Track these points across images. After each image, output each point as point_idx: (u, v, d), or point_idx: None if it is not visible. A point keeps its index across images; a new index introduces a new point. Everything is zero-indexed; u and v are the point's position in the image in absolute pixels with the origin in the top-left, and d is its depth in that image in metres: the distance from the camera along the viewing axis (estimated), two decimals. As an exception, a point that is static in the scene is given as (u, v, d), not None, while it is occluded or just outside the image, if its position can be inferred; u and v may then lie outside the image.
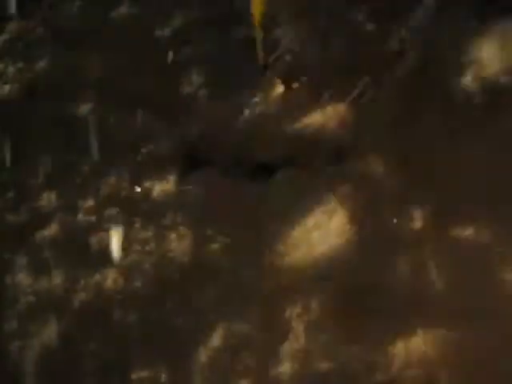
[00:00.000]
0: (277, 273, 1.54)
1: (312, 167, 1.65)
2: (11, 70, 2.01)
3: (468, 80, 1.70)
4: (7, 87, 1.97)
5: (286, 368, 1.45)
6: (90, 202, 1.71)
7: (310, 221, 1.58)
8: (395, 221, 1.55)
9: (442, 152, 1.61)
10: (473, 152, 1.62)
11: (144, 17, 2.03)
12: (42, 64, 1.95)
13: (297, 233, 1.57)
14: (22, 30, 2.09)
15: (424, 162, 1.61)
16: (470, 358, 1.41)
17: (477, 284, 1.49)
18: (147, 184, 1.71)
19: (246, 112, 1.78)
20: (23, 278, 1.62)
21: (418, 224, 1.56)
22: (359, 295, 1.50)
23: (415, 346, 1.43)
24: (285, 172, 1.66)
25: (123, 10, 2.03)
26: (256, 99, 1.77)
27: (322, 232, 1.57)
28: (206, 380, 1.45)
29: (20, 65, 2.01)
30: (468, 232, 1.53)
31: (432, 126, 1.65)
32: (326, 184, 1.61)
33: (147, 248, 1.62)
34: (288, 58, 1.81)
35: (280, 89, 1.78)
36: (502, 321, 1.43)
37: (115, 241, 1.62)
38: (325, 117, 1.72)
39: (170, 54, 1.89)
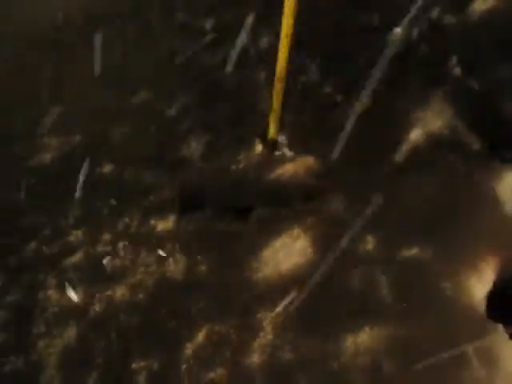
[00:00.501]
0: (252, 284, 1.88)
1: (283, 205, 2.02)
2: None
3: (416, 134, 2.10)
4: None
5: (255, 359, 1.75)
6: (107, 236, 2.09)
7: (278, 243, 1.93)
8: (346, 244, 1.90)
9: (391, 189, 1.97)
10: (415, 190, 1.98)
11: (156, 100, 2.49)
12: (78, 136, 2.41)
13: (267, 253, 1.93)
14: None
15: (375, 198, 1.97)
16: (407, 348, 1.70)
17: (417, 292, 1.80)
18: (152, 222, 2.10)
19: (232, 167, 2.18)
20: (52, 294, 1.98)
21: (370, 246, 1.90)
22: (316, 302, 1.81)
23: (363, 340, 1.73)
24: (260, 210, 2.03)
25: (143, 94, 2.51)
26: (240, 157, 2.18)
27: (287, 252, 1.92)
28: (190, 368, 1.76)
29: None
30: (412, 252, 1.87)
31: (380, 172, 2.02)
32: (293, 217, 1.98)
33: (150, 269, 1.98)
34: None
35: (259, 148, 2.19)
36: (433, 320, 1.73)
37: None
38: (296, 167, 2.11)
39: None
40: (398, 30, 2.26)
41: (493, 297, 1.80)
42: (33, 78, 2.66)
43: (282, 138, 2.18)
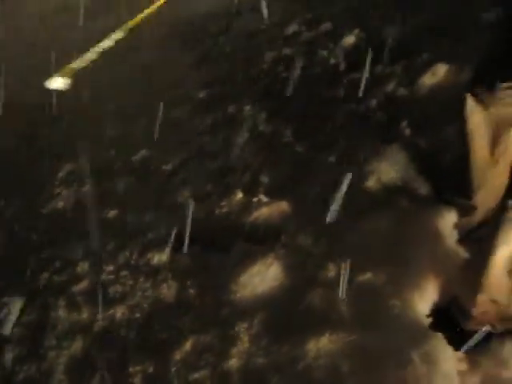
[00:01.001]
0: (231, 303, 2.19)
1: (260, 241, 2.37)
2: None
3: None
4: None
5: (234, 363, 2.04)
6: (111, 267, 2.42)
7: (254, 270, 2.26)
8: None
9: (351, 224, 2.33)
10: (372, 227, 2.33)
11: (155, 157, 2.88)
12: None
13: (244, 278, 2.25)
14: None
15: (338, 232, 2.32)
16: (361, 350, 2.00)
17: (370, 308, 2.11)
18: (149, 255, 2.44)
19: (217, 212, 2.55)
20: (62, 313, 2.29)
21: (332, 273, 2.23)
22: (287, 316, 2.12)
23: (323, 344, 2.02)
24: (239, 246, 2.38)
25: (143, 153, 2.90)
26: (223, 203, 2.56)
27: (262, 278, 2.24)
28: (178, 370, 2.04)
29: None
30: (366, 277, 2.19)
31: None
32: (267, 250, 2.32)
33: (146, 293, 2.30)
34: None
35: (240, 195, 2.57)
36: (384, 329, 2.03)
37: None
38: (270, 211, 2.47)
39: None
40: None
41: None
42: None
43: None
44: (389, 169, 2.50)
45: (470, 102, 1.92)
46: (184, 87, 3.32)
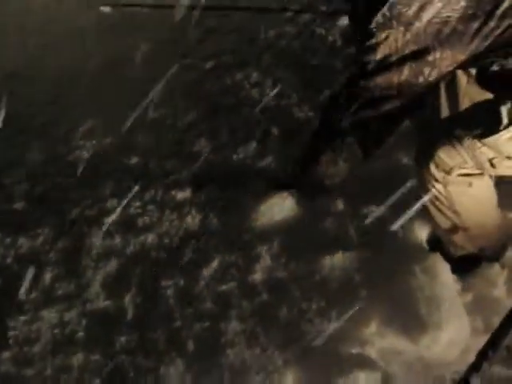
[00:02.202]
0: (252, 229, 2.38)
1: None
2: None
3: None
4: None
5: (257, 276, 2.20)
6: (138, 203, 2.61)
7: (272, 201, 2.46)
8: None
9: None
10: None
11: (171, 114, 3.09)
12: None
13: (263, 208, 2.42)
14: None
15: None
16: (370, 266, 2.19)
17: (378, 233, 2.28)
18: (173, 193, 2.63)
19: (234, 157, 2.77)
20: (95, 240, 2.47)
21: (341, 206, 2.44)
22: (302, 239, 2.28)
23: (338, 259, 2.17)
24: (257, 183, 2.58)
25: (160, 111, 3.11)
26: (239, 150, 2.77)
27: (279, 208, 2.45)
28: (207, 283, 2.22)
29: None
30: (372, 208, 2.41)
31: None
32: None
33: (173, 224, 2.48)
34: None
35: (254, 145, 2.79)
36: (391, 250, 2.25)
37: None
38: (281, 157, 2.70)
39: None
40: None
41: None
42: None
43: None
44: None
45: None
46: (192, 58, 3.54)
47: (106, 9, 3.35)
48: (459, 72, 2.16)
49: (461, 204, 1.94)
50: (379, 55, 1.73)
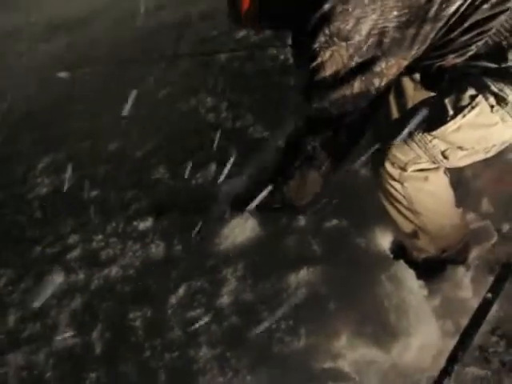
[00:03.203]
0: (216, 253, 2.34)
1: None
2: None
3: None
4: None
5: (225, 300, 2.17)
6: (100, 236, 2.57)
7: (233, 224, 2.42)
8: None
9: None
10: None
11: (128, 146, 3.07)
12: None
13: (225, 231, 2.40)
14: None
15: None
16: (335, 279, 2.18)
17: (341, 246, 2.30)
18: (134, 223, 2.57)
19: (193, 182, 2.74)
20: (58, 278, 2.41)
21: (302, 222, 2.44)
22: (267, 258, 2.27)
23: (303, 276, 2.15)
24: (217, 206, 2.56)
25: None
26: (198, 175, 2.76)
27: (241, 229, 2.40)
28: (175, 311, 2.18)
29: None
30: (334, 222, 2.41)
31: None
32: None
33: (136, 254, 2.45)
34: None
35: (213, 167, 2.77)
36: (354, 261, 2.24)
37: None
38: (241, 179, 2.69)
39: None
40: None
41: None
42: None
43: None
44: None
45: None
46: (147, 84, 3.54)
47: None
48: (405, 79, 2.20)
49: (419, 202, 1.97)
50: (328, 72, 1.79)
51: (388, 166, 1.90)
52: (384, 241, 2.33)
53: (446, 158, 1.86)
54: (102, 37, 4.50)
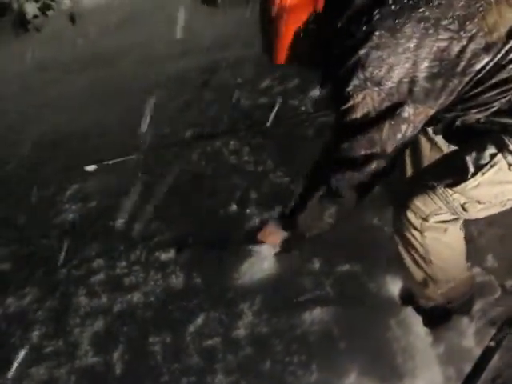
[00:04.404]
0: (234, 288, 2.45)
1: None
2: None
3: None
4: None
5: (241, 332, 2.28)
6: (124, 263, 2.70)
7: (251, 261, 2.50)
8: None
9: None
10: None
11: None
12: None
13: (243, 267, 2.49)
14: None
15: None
16: (350, 320, 2.29)
17: (353, 290, 2.42)
18: (157, 253, 2.71)
19: (214, 221, 2.89)
20: (82, 299, 2.53)
21: (317, 265, 2.58)
22: (282, 296, 2.39)
23: (316, 314, 2.27)
24: (237, 244, 2.69)
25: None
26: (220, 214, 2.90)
27: (259, 267, 2.49)
28: (193, 339, 2.30)
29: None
30: (346, 267, 2.55)
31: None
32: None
33: (158, 283, 2.57)
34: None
35: (234, 207, 2.92)
36: (365, 304, 2.36)
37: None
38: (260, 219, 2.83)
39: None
40: None
41: None
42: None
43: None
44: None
45: None
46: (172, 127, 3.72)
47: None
48: (422, 139, 2.35)
49: (435, 252, 2.08)
50: (359, 114, 1.85)
51: (410, 215, 2.01)
52: (394, 287, 2.44)
53: (465, 210, 1.97)
54: (128, 77, 4.69)
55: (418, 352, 2.16)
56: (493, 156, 1.88)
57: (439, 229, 2.04)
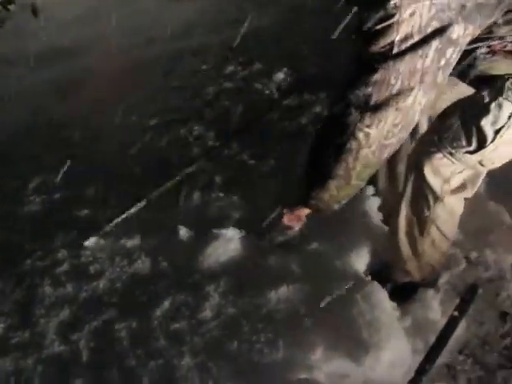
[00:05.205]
0: (200, 270, 2.47)
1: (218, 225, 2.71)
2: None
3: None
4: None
5: (207, 314, 2.28)
6: (88, 252, 2.69)
7: (217, 244, 2.55)
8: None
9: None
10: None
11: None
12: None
13: (209, 250, 2.53)
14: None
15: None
16: (315, 296, 2.31)
17: (319, 267, 2.43)
18: (122, 241, 2.71)
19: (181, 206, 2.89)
20: (48, 289, 2.52)
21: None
22: (248, 276, 2.40)
23: (282, 293, 2.29)
24: (202, 227, 2.71)
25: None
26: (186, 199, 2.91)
27: (224, 249, 2.52)
28: (160, 323, 2.29)
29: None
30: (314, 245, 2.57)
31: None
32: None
33: (124, 269, 2.57)
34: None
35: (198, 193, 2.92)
36: (331, 281, 2.38)
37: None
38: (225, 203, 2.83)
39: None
40: None
41: None
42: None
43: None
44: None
45: None
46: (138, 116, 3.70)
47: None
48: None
49: (442, 220, 2.15)
50: (400, 35, 1.55)
51: (429, 177, 2.02)
52: (360, 264, 2.47)
53: (482, 165, 1.99)
54: (94, 68, 4.66)
55: (385, 325, 2.19)
56: (510, 117, 1.84)
57: (459, 189, 2.07)
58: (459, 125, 1.92)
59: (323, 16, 3.84)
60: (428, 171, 2.01)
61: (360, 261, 2.49)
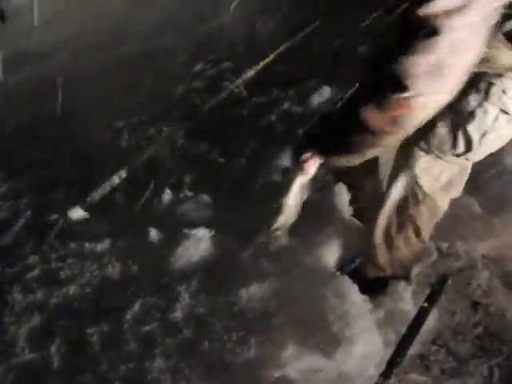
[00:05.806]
0: (171, 272, 2.45)
1: (188, 225, 2.70)
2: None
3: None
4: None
5: (178, 314, 2.27)
6: (59, 257, 2.67)
7: (187, 244, 2.54)
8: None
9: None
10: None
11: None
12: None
13: (180, 250, 2.52)
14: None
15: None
16: (285, 294, 2.32)
17: (289, 263, 2.42)
18: (92, 245, 2.69)
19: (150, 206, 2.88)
20: (18, 296, 2.50)
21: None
22: (219, 275, 2.39)
23: (253, 291, 2.28)
24: (172, 227, 2.69)
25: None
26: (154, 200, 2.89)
27: (195, 249, 2.51)
28: (130, 326, 2.27)
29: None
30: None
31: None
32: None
33: (94, 274, 2.55)
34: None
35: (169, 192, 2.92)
36: (301, 277, 2.39)
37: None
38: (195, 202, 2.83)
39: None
40: None
41: None
42: None
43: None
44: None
45: None
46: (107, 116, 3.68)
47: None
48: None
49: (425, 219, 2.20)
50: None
51: (421, 175, 2.07)
52: (330, 259, 2.48)
53: (468, 160, 2.04)
54: (64, 70, 4.62)
55: (356, 319, 2.20)
56: (495, 119, 1.87)
57: (447, 186, 2.11)
58: (446, 131, 1.95)
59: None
60: (419, 170, 2.06)
61: (331, 256, 2.50)
